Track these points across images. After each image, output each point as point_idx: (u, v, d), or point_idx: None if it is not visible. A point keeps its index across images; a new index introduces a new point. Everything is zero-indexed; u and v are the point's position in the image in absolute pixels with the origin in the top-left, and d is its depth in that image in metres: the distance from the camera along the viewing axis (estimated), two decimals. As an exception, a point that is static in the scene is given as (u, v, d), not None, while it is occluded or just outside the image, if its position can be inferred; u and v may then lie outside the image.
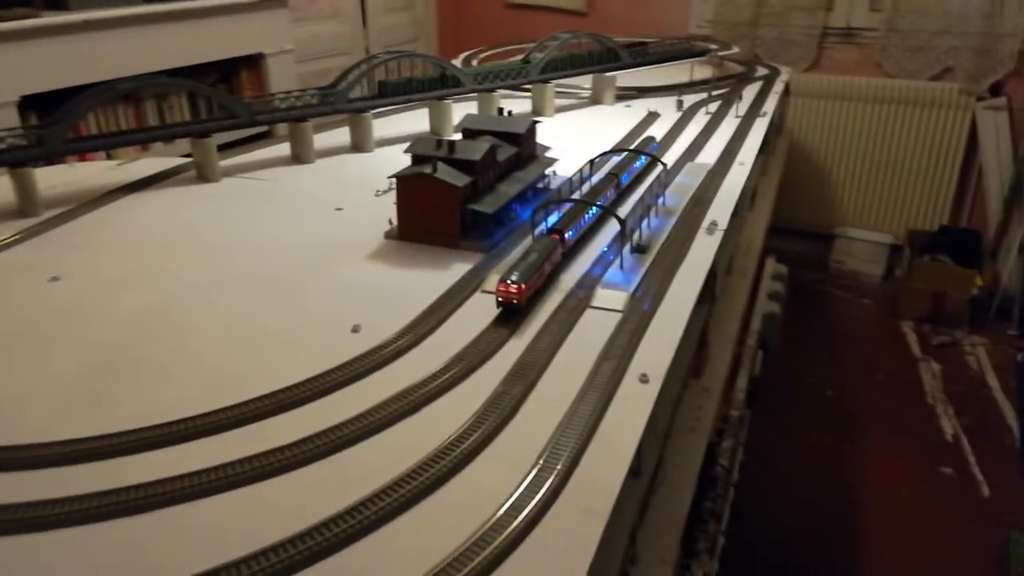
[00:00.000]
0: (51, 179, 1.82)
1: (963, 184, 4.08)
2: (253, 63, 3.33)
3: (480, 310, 1.26)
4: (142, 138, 1.83)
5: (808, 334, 3.82)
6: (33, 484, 0.86)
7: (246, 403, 1.00)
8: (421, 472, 0.88)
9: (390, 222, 1.56)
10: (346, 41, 4.06)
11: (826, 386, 3.39)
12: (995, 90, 3.86)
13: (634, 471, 1.13)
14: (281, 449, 0.91)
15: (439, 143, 1.53)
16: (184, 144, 1.87)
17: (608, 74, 2.64)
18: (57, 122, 1.65)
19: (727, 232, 1.61)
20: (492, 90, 2.33)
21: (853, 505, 2.70)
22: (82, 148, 1.74)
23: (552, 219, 1.47)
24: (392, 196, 1.59)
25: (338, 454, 0.92)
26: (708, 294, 1.65)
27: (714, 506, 1.35)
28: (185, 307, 1.28)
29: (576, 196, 1.62)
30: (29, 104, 2.43)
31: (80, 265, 1.43)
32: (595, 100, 2.70)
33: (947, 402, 3.28)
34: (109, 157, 2.39)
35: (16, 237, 1.54)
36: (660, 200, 1.69)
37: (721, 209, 1.70)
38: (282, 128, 2.45)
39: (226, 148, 2.05)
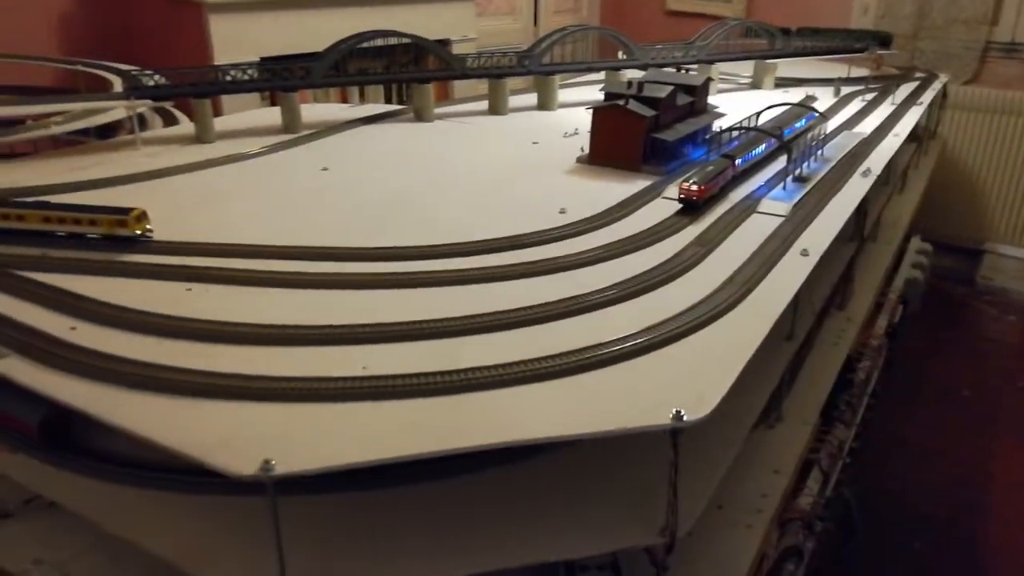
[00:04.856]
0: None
1: None
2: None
3: (663, 208, 1.53)
4: (383, 79, 2.25)
5: (948, 340, 3.83)
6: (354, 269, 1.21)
7: (486, 240, 1.33)
8: (627, 284, 1.18)
9: (582, 149, 1.86)
10: (519, 37, 4.45)
11: (963, 386, 3.41)
12: None
13: (788, 334, 1.36)
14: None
15: (628, 83, 1.81)
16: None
17: (769, 61, 2.85)
18: (319, 59, 2.06)
19: (878, 181, 1.80)
20: (661, 66, 2.60)
21: (980, 492, 2.75)
22: (337, 82, 2.15)
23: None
24: (577, 139, 1.91)
25: (571, 271, 1.24)
26: (857, 232, 1.84)
27: (850, 400, 1.54)
28: (426, 193, 1.62)
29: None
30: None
31: (341, 163, 1.81)
32: (755, 86, 2.91)
33: (1093, 415, 3.23)
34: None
35: (289, 142, 1.95)
36: (819, 151, 1.90)
37: (875, 163, 1.89)
38: (459, 92, 2.86)
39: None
